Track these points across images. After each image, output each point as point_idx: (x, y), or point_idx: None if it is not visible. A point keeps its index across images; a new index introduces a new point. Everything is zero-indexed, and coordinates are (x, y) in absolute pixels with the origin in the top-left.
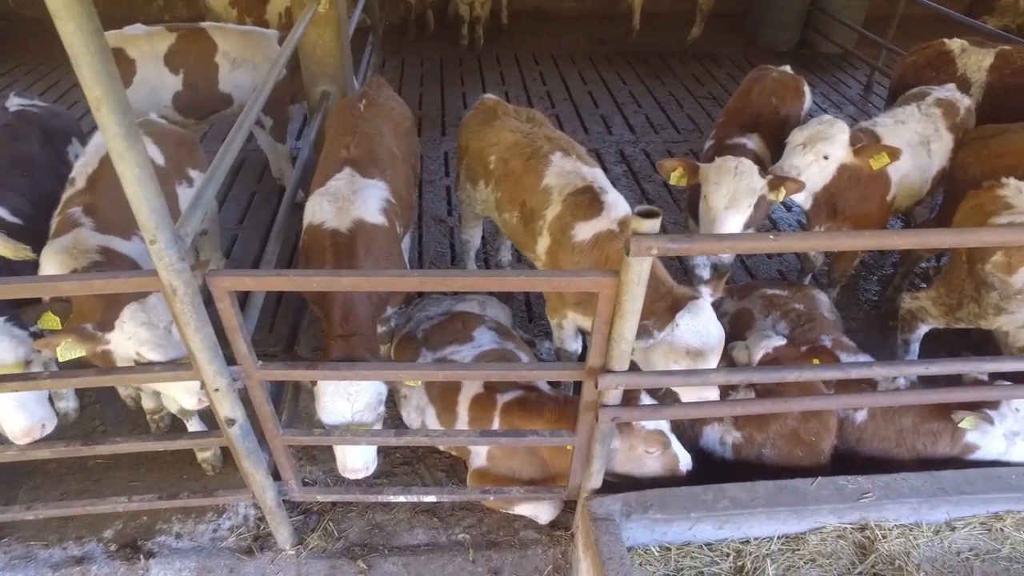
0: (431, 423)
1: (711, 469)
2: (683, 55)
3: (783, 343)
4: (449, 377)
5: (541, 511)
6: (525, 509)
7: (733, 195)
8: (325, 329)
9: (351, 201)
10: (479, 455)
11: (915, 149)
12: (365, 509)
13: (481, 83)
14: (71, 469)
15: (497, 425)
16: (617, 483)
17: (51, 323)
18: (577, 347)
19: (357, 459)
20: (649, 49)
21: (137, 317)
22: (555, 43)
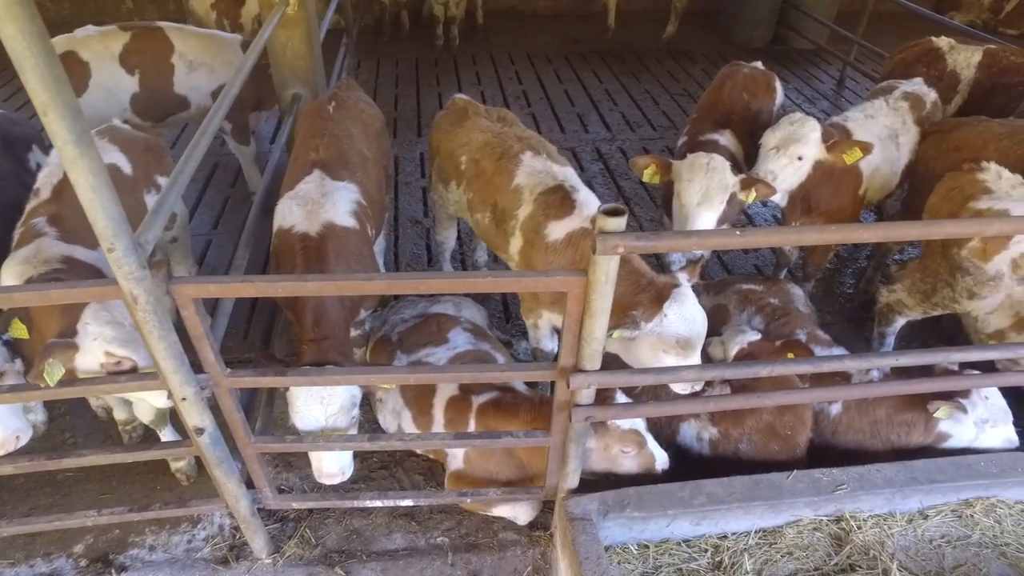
0: (407, 426)
1: (689, 466)
2: (658, 53)
3: (758, 338)
4: (420, 380)
5: (520, 512)
6: (504, 510)
7: (706, 191)
8: (297, 333)
9: (320, 204)
10: (456, 457)
11: (885, 142)
12: (343, 515)
13: (457, 83)
14: (39, 483)
15: (473, 427)
16: (596, 482)
17: (19, 331)
18: (553, 347)
19: (333, 464)
20: (624, 47)
21: (100, 316)
22: (531, 42)
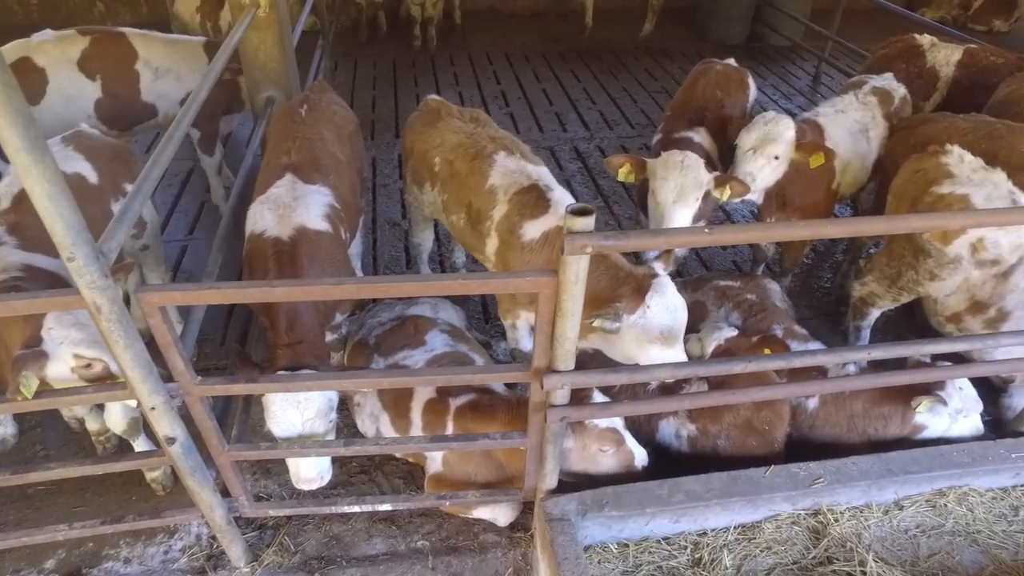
0: (385, 430)
1: (669, 463)
2: (636, 51)
3: (735, 334)
4: (394, 384)
5: (500, 513)
6: (484, 512)
7: (680, 189)
8: (271, 338)
9: (292, 208)
10: (435, 460)
11: (855, 137)
12: (322, 521)
13: (435, 84)
14: (9, 498)
15: (451, 429)
16: (576, 482)
17: None
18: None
19: (311, 469)
20: (602, 46)
21: (63, 320)
22: (509, 42)
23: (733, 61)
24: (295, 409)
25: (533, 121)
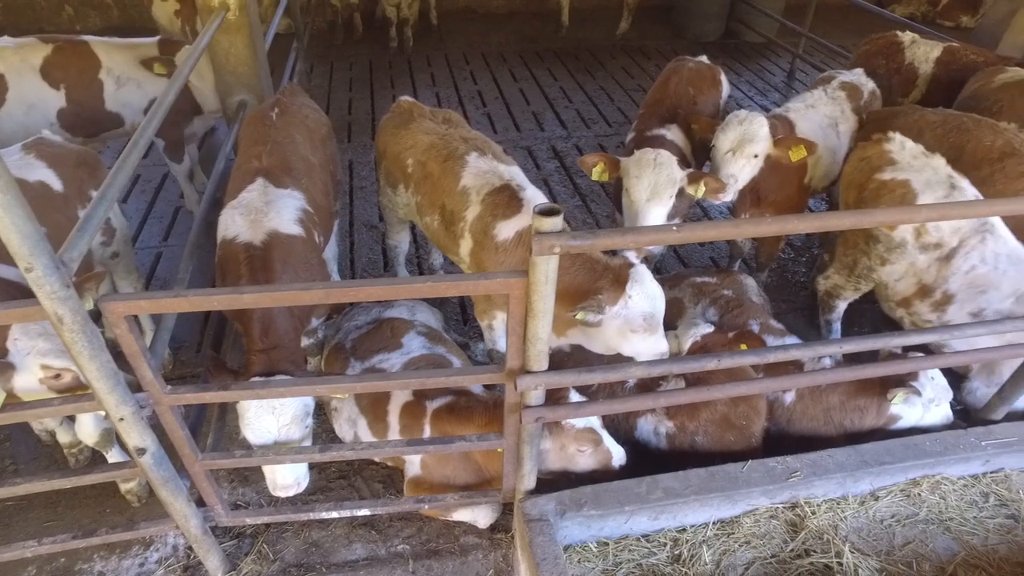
0: (363, 434)
1: (649, 460)
2: (612, 49)
3: (711, 330)
4: (367, 388)
5: (480, 515)
6: (463, 514)
7: (654, 187)
8: (245, 344)
9: (264, 213)
10: (413, 464)
11: (826, 131)
12: (301, 527)
13: (412, 85)
14: None
15: (428, 432)
16: (556, 481)
17: None
18: None
19: (288, 476)
20: (579, 44)
21: (29, 330)
22: (485, 42)
23: (705, 58)
24: (270, 415)
25: (510, 121)
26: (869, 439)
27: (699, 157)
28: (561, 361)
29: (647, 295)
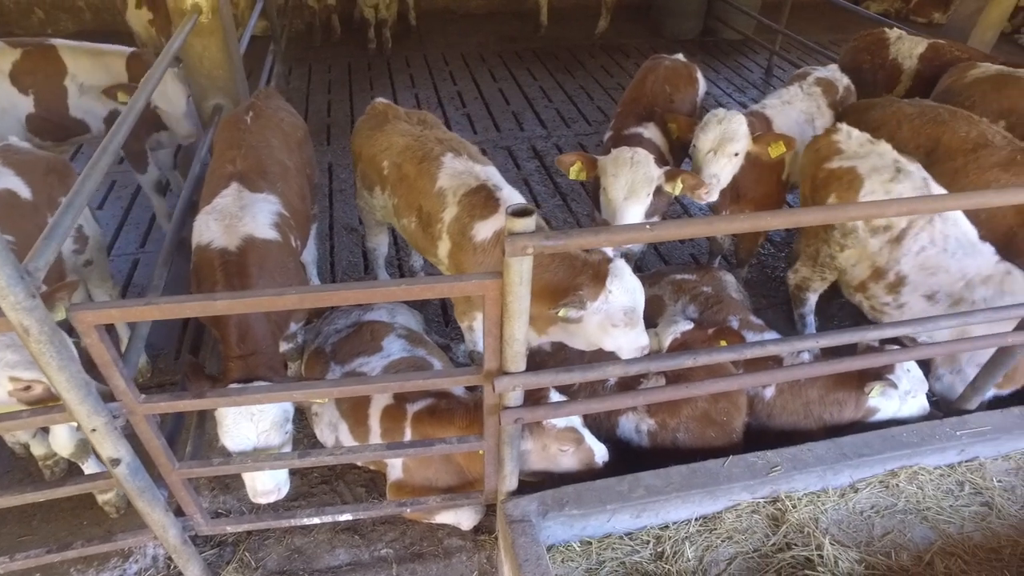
0: (344, 439)
1: (632, 458)
2: (591, 48)
3: (690, 327)
4: (344, 393)
5: (463, 517)
6: (447, 517)
7: (631, 185)
8: (223, 351)
9: (239, 218)
10: (395, 467)
11: (802, 127)
12: (283, 534)
13: (391, 87)
14: None
15: (409, 435)
16: (539, 482)
17: None
18: None
19: (267, 483)
20: (558, 44)
21: None
22: (464, 42)
23: (681, 56)
24: (249, 422)
25: (490, 121)
26: (848, 432)
27: (677, 155)
28: (543, 360)
29: (626, 289)
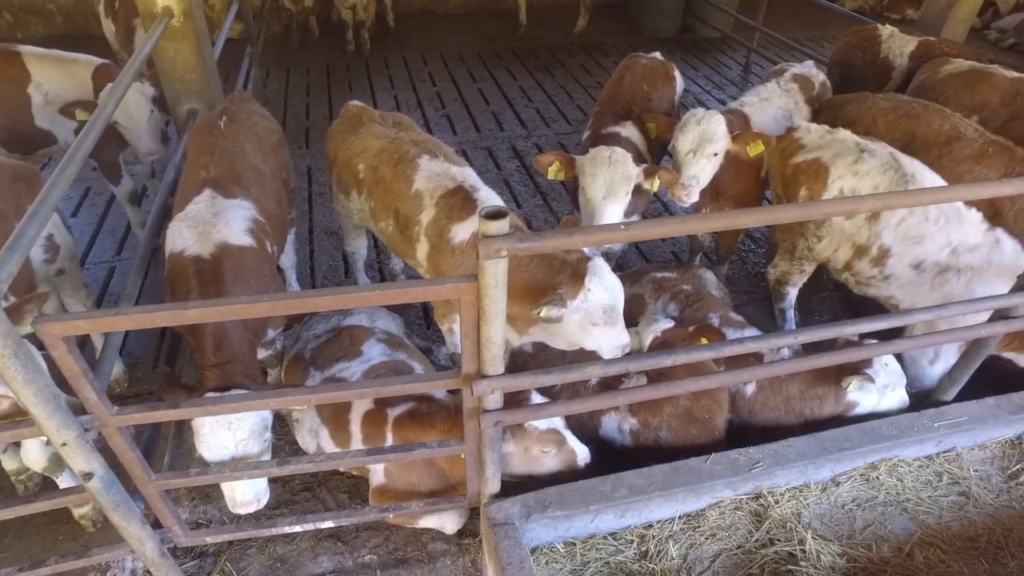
0: (326, 445)
1: (615, 457)
2: (571, 47)
3: (671, 325)
4: (323, 399)
5: (447, 521)
6: (430, 521)
7: (609, 184)
8: (199, 359)
9: (213, 224)
10: (377, 472)
11: (781, 124)
12: (265, 543)
13: (370, 88)
14: None
15: (390, 440)
16: (524, 483)
17: None
18: None
19: (247, 492)
20: (537, 43)
21: None
22: (443, 42)
23: (659, 54)
24: (226, 431)
25: (470, 122)
26: (829, 426)
27: (655, 153)
28: (524, 361)
29: (606, 287)
